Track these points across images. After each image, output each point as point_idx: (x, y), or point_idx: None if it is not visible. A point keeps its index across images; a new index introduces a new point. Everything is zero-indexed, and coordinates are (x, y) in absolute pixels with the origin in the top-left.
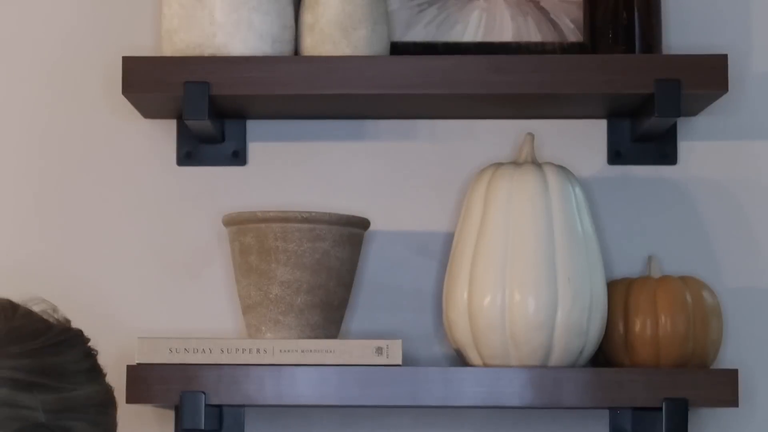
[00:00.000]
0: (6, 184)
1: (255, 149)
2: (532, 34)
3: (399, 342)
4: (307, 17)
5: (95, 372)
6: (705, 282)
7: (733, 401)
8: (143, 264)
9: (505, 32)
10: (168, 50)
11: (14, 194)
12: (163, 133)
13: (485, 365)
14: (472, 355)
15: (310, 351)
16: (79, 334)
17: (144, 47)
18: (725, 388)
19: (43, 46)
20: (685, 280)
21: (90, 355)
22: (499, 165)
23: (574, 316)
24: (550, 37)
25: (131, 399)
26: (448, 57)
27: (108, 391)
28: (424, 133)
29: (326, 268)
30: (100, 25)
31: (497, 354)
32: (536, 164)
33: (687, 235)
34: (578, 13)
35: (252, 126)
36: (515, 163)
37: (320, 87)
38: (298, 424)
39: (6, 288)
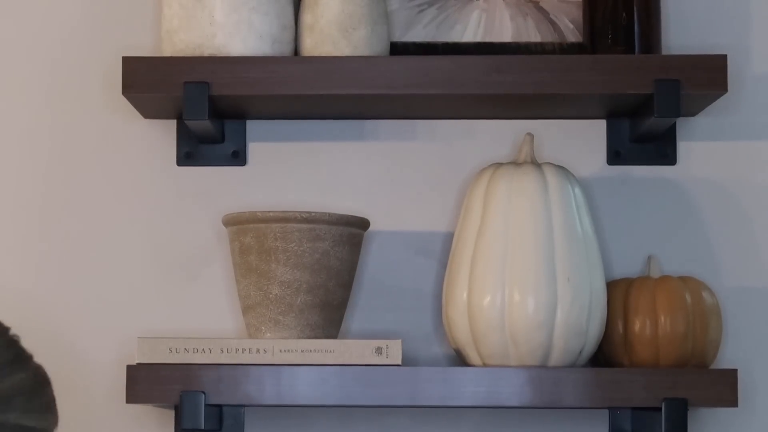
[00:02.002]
0: (6, 184)
1: (255, 149)
2: (532, 34)
3: (399, 342)
4: (306, 17)
5: (19, 361)
6: (704, 282)
7: (732, 401)
8: (143, 264)
9: (505, 33)
10: (168, 50)
11: (14, 194)
12: (163, 133)
13: (485, 365)
14: (472, 355)
15: (310, 351)
16: None
17: (144, 47)
18: (725, 388)
19: (43, 47)
20: (685, 280)
21: (12, 343)
22: (498, 165)
23: (573, 316)
24: (549, 37)
25: (131, 399)
26: (448, 57)
27: (36, 374)
28: (424, 133)
29: (326, 268)
30: (100, 26)
31: (497, 354)
32: (536, 164)
33: (686, 235)
34: (578, 14)
35: (252, 126)
36: (515, 163)
37: (320, 87)
38: (298, 424)
39: (5, 286)
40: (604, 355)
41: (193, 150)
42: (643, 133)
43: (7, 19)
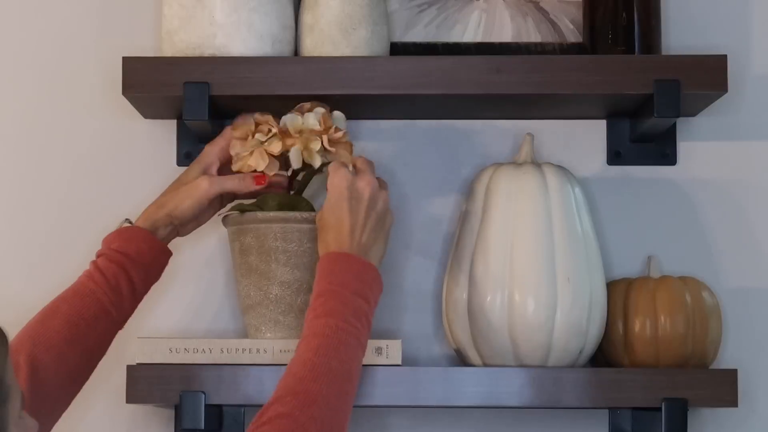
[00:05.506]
0: (6, 184)
1: None
2: (532, 34)
3: (399, 342)
4: (307, 18)
5: None
6: (704, 282)
7: (732, 401)
8: None
9: (505, 33)
10: (168, 51)
11: (14, 194)
12: (163, 134)
13: (485, 365)
14: (472, 355)
15: None
16: None
17: (144, 48)
18: (724, 388)
19: (44, 47)
20: (685, 281)
21: None
22: (499, 165)
23: (573, 316)
24: (549, 37)
25: (131, 399)
26: (448, 57)
27: None
28: (424, 133)
29: None
30: (101, 26)
31: (497, 354)
32: (536, 164)
33: (686, 235)
34: (578, 14)
35: None
36: (515, 164)
37: (320, 87)
38: None
39: (4, 285)
40: (604, 355)
41: (193, 150)
42: (643, 133)
43: (8, 19)
